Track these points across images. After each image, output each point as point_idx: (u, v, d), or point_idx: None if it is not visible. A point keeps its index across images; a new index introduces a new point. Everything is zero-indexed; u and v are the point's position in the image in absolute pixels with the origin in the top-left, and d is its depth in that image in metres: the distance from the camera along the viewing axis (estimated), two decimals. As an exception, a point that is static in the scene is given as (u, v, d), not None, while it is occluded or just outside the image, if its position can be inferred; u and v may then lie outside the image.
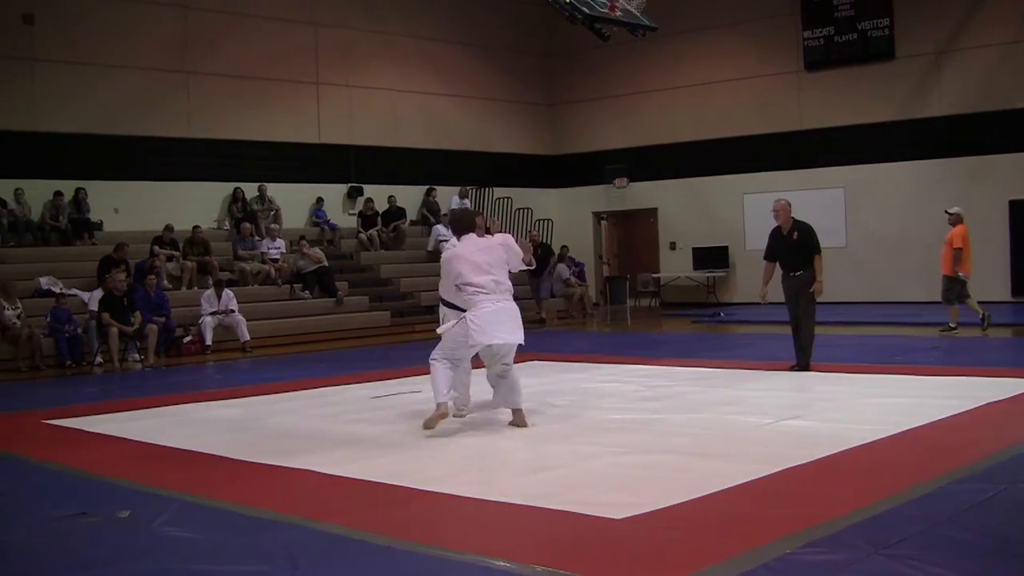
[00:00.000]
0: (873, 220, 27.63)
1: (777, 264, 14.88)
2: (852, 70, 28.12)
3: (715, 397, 12.61)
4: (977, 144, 26.28)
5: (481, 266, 10.58)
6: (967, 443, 9.30)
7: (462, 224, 11.19)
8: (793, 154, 28.87)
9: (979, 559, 6.05)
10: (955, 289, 19.98)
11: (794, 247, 14.55)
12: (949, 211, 20.32)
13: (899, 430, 9.81)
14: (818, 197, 27.25)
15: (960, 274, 19.84)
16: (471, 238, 10.89)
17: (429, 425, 10.49)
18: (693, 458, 8.97)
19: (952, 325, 19.86)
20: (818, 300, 14.52)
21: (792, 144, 28.93)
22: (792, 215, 14.87)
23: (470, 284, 10.54)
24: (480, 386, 11.62)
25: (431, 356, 10.80)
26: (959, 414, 10.69)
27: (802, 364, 14.58)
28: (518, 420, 10.89)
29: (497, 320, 10.47)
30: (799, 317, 14.55)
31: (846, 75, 28.21)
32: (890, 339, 19.58)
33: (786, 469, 8.30)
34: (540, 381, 14.50)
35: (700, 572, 5.85)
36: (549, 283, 27.59)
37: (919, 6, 27.04)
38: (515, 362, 11.12)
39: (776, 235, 14.87)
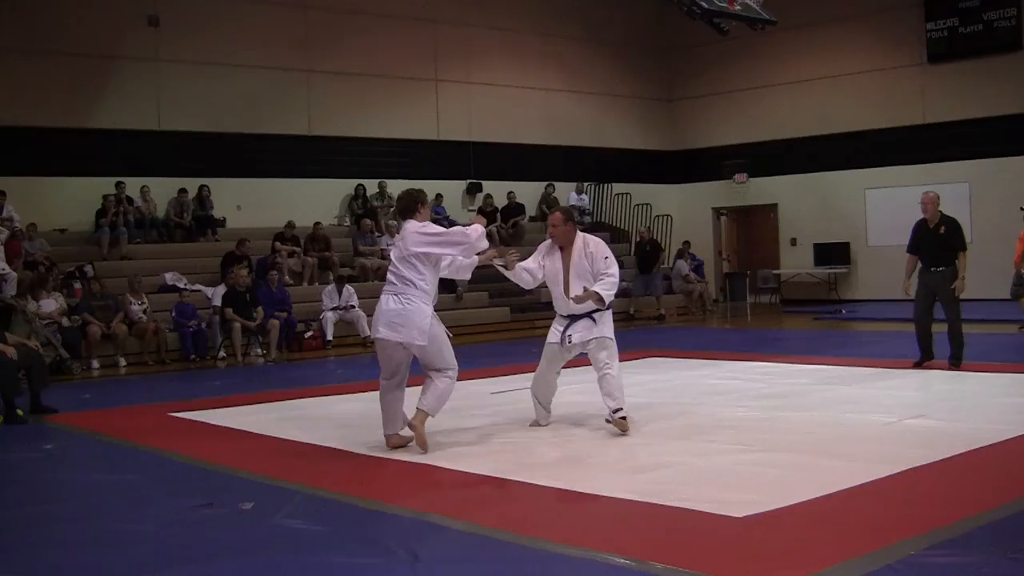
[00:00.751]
0: (999, 215, 27.06)
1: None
2: (977, 62, 27.63)
3: (837, 395, 12.46)
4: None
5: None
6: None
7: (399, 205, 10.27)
8: (916, 148, 28.45)
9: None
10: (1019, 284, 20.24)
11: (940, 242, 14.22)
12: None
13: (1029, 430, 9.60)
14: (941, 192, 26.72)
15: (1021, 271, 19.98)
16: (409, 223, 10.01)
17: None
18: (814, 457, 8.87)
19: None
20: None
21: (915, 138, 28.52)
22: (940, 209, 14.53)
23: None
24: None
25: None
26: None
27: (955, 361, 14.24)
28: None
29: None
30: (946, 316, 14.27)
31: (971, 67, 27.74)
32: (1017, 337, 19.24)
33: (910, 469, 8.17)
34: (658, 377, 14.45)
35: (822, 572, 5.79)
36: (659, 279, 27.46)
37: (1048, -6, 26.53)
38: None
39: (921, 228, 14.51)
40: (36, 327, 17.40)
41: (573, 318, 10.36)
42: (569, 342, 10.32)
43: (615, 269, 10.28)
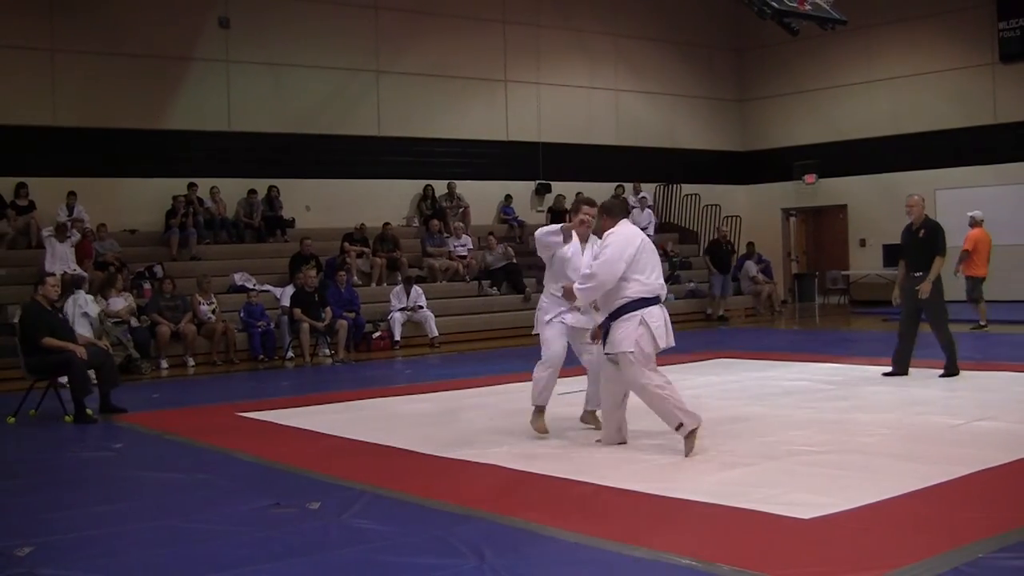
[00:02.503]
0: (1073, 216, 26.87)
1: None
2: (1050, 62, 27.38)
3: (905, 396, 12.37)
4: None
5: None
6: None
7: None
8: (988, 149, 28.18)
9: None
10: (976, 289, 21.12)
11: (919, 245, 13.89)
12: (970, 215, 21.47)
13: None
14: (1014, 193, 26.60)
15: (964, 275, 21.15)
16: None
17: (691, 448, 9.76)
18: (882, 458, 8.81)
19: (982, 324, 21.08)
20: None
21: (987, 138, 28.25)
22: (925, 212, 14.18)
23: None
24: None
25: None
26: None
27: (949, 370, 13.88)
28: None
29: None
30: (931, 322, 13.98)
31: (1044, 67, 27.49)
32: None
33: (979, 471, 8.12)
34: (726, 379, 14.42)
35: (891, 574, 5.76)
36: (729, 280, 27.37)
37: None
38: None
39: (907, 231, 14.21)
40: (107, 327, 17.58)
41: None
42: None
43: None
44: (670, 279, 27.30)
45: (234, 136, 24.07)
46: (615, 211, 10.07)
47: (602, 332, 9.67)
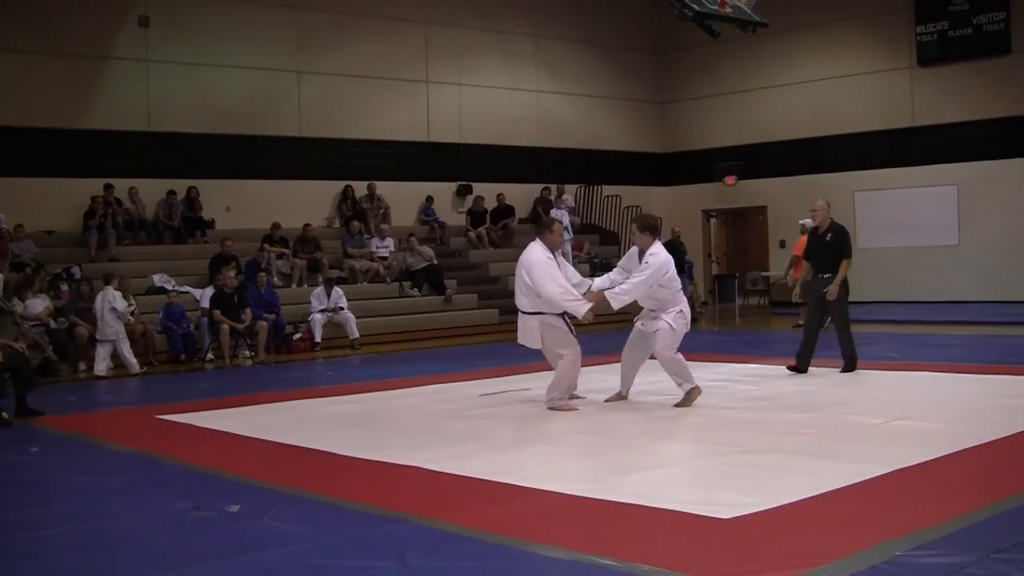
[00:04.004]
0: (987, 218, 27.20)
1: None
2: (966, 65, 27.72)
3: (825, 397, 12.49)
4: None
5: None
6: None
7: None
8: (905, 151, 28.53)
9: (1096, 563, 5.95)
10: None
11: (826, 248, 14.50)
12: (801, 221, 22.22)
13: (1013, 432, 9.63)
14: (930, 195, 26.95)
15: (794, 278, 21.62)
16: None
17: (687, 403, 11.72)
18: (803, 457, 8.88)
19: (801, 324, 21.36)
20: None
21: (904, 141, 28.59)
22: (830, 216, 14.88)
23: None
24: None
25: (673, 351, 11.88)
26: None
27: (848, 363, 14.51)
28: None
29: None
30: (835, 322, 14.66)
31: (960, 70, 27.83)
32: (1004, 339, 19.28)
33: (897, 470, 8.19)
34: (647, 379, 14.43)
35: (809, 572, 5.79)
36: (686, 280, 27.43)
37: (1037, -2, 26.59)
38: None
39: (813, 235, 14.93)
40: (24, 329, 17.37)
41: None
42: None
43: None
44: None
45: (153, 136, 23.83)
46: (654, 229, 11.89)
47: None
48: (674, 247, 27.29)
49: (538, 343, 11.93)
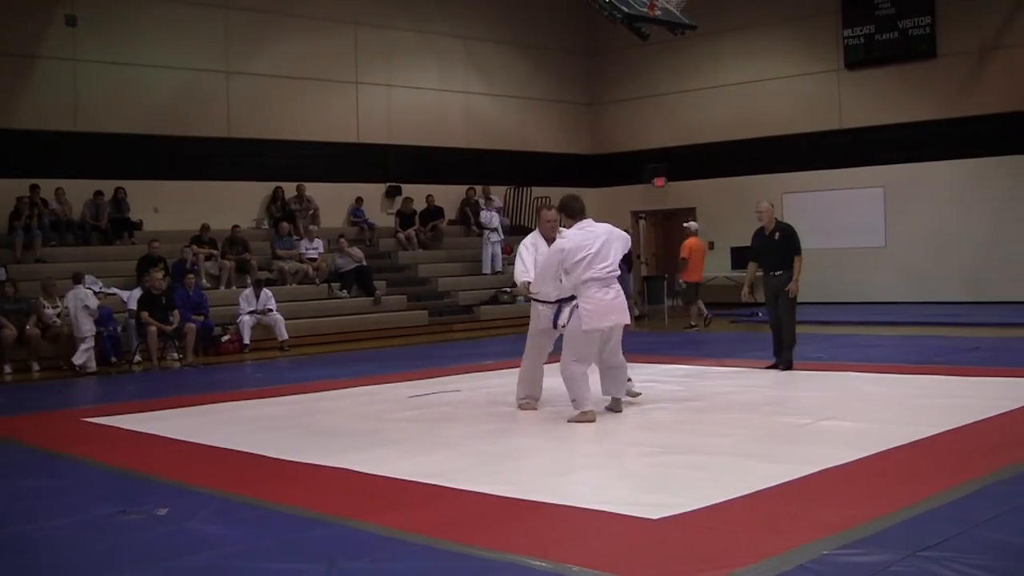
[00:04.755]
0: (913, 220, 27.48)
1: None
2: (893, 68, 28.03)
3: (754, 397, 12.57)
4: (1021, 143, 26.05)
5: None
6: (1008, 444, 9.25)
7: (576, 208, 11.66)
8: (833, 153, 28.76)
9: (1020, 561, 6.03)
10: (690, 293, 23.68)
11: (776, 247, 14.76)
12: (685, 224, 23.92)
13: (939, 431, 9.73)
14: (858, 196, 27.21)
15: (682, 281, 23.80)
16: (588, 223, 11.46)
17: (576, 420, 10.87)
18: (732, 458, 8.93)
19: (692, 324, 23.58)
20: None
21: (832, 143, 28.82)
22: (776, 216, 15.19)
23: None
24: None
25: (571, 361, 11.05)
26: (1000, 415, 10.63)
27: (785, 362, 14.76)
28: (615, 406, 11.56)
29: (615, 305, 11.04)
30: (780, 317, 14.77)
31: (887, 74, 28.12)
32: (930, 339, 19.45)
33: (824, 469, 8.25)
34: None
35: (737, 572, 5.82)
36: (629, 277, 27.51)
37: (961, 3, 26.89)
38: (549, 361, 11.34)
39: (759, 235, 15.10)
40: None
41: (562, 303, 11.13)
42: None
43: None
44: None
45: (80, 136, 23.59)
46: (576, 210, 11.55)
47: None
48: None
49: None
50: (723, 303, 29.42)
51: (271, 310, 22.00)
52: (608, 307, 10.93)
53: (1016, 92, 26.14)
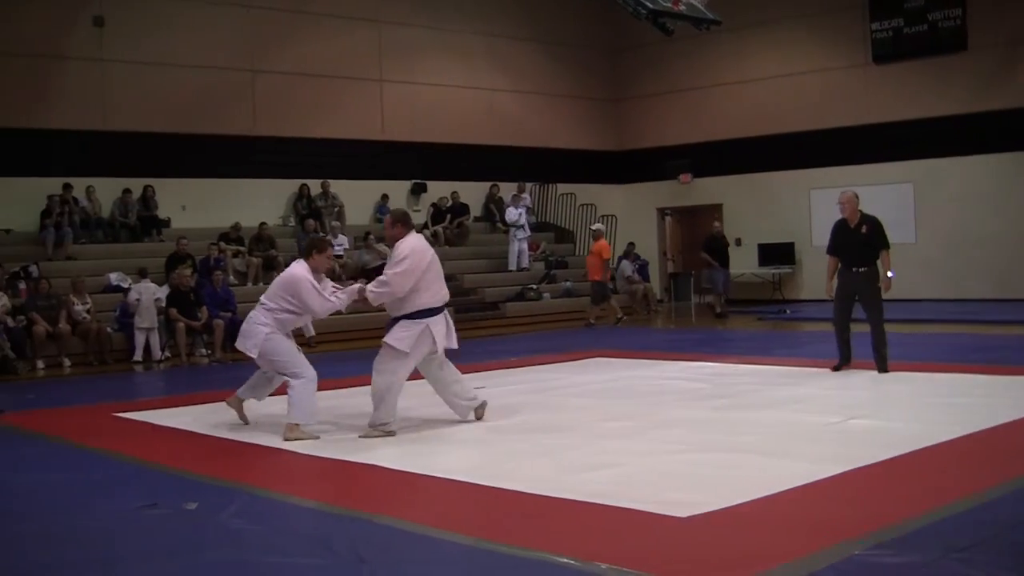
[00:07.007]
0: (943, 216, 27.31)
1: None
2: (922, 62, 27.77)
3: (782, 395, 12.51)
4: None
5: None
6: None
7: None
8: (861, 149, 28.56)
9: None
10: (601, 292, 24.65)
11: (861, 241, 13.92)
12: (592, 227, 24.63)
13: (971, 431, 9.67)
14: (886, 192, 27.02)
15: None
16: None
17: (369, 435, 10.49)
18: (759, 457, 8.91)
19: (597, 318, 24.62)
20: (884, 298, 14.12)
21: (860, 138, 28.62)
22: (860, 208, 14.26)
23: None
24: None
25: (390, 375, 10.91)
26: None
27: (880, 365, 13.90)
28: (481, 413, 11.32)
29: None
30: (868, 317, 13.95)
31: (915, 67, 27.88)
32: (960, 337, 19.34)
33: (854, 469, 8.22)
34: (604, 378, 14.48)
35: (767, 572, 5.81)
36: (728, 274, 27.70)
37: (992, -5, 26.70)
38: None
39: (842, 229, 14.22)
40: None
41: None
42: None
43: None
44: (545, 278, 27.34)
45: (109, 135, 23.67)
46: (404, 221, 11.49)
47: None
48: (716, 239, 27.33)
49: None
50: (750, 300, 29.41)
51: (298, 307, 22.01)
52: None
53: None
